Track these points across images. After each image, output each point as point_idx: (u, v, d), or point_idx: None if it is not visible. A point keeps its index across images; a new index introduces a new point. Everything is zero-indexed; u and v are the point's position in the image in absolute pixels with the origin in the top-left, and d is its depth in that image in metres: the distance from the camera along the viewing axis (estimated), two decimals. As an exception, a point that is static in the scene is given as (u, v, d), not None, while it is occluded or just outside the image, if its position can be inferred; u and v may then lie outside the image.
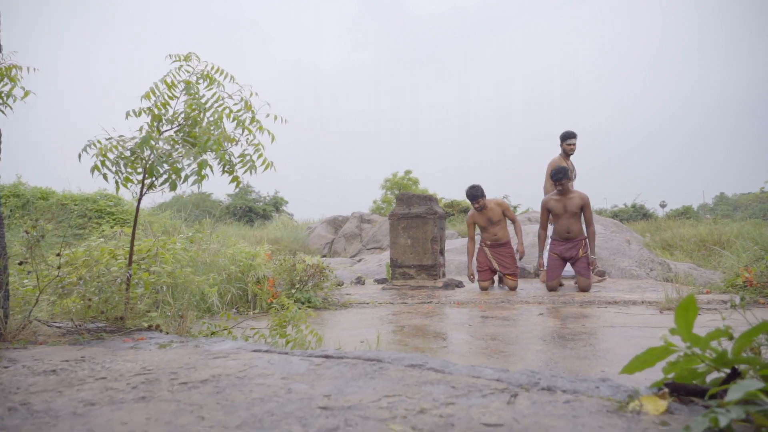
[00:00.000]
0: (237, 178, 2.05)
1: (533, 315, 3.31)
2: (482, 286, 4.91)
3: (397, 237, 5.11)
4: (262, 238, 11.99)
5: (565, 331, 2.67)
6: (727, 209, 22.91)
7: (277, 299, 4.18)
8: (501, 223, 4.93)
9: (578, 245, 4.61)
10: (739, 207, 22.82)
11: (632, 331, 2.62)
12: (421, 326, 2.92)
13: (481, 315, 3.35)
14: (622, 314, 3.28)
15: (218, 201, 21.80)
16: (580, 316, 3.24)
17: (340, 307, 4.04)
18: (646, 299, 3.88)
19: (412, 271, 5.07)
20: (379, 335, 2.54)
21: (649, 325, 2.79)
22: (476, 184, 4.90)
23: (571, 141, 5.24)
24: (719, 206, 25.85)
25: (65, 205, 10.51)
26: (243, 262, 4.35)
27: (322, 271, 4.28)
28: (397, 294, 4.67)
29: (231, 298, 4.11)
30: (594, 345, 2.27)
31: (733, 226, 9.62)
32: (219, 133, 1.97)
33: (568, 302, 3.91)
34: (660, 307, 3.53)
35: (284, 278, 4.16)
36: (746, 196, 25.50)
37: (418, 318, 3.29)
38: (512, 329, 2.75)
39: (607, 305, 3.76)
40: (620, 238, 7.00)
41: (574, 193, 4.66)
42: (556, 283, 4.65)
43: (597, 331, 2.67)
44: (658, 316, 3.19)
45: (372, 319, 3.26)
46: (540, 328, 2.80)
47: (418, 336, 2.60)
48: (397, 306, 4.01)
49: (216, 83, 2.16)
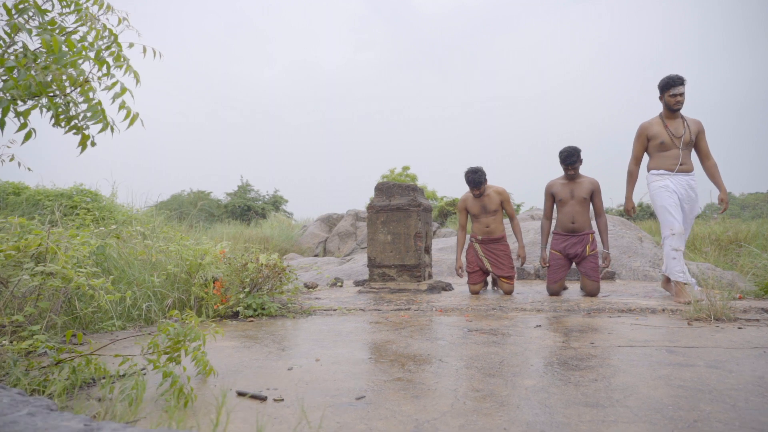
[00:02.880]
0: (86, 138, 1.39)
1: (529, 327, 2.65)
2: (472, 290, 4.23)
3: (376, 233, 4.44)
4: (252, 236, 11.44)
5: (569, 353, 2.01)
6: (735, 209, 22.29)
7: (225, 304, 3.55)
8: (497, 214, 4.24)
9: (584, 241, 3.93)
10: (746, 207, 22.28)
11: (659, 354, 1.94)
12: (381, 344, 2.26)
13: (465, 327, 2.69)
14: (640, 326, 2.61)
15: (217, 200, 21.52)
16: (587, 328, 2.58)
17: (301, 315, 3.39)
18: (667, 306, 3.20)
19: (393, 271, 4.40)
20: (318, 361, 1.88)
21: (680, 344, 2.12)
22: (478, 167, 4.16)
23: (676, 90, 3.54)
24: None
25: (39, 200, 9.95)
26: (190, 261, 3.71)
27: (281, 272, 3.63)
28: (373, 299, 4.01)
29: (173, 304, 3.48)
30: (608, 379, 1.61)
31: (750, 224, 9.03)
32: (56, 66, 1.31)
33: (573, 310, 3.24)
34: (687, 317, 2.85)
35: (233, 280, 3.51)
36: (754, 195, 25.58)
37: (385, 332, 2.63)
38: (499, 350, 2.09)
39: (620, 314, 3.08)
40: (631, 235, 6.31)
41: (584, 178, 3.98)
42: (558, 286, 3.97)
43: (610, 352, 2.00)
44: (687, 329, 2.52)
45: (327, 334, 2.60)
46: (536, 347, 2.13)
47: (368, 362, 1.93)
48: (368, 314, 3.36)
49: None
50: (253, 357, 2.03)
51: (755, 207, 20.48)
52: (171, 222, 9.35)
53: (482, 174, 4.15)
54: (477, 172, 4.14)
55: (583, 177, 3.98)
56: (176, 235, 3.89)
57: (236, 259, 3.57)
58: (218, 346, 2.29)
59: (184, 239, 4.10)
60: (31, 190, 10.68)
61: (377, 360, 1.94)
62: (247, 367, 1.84)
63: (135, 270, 3.55)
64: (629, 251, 5.75)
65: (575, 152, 3.86)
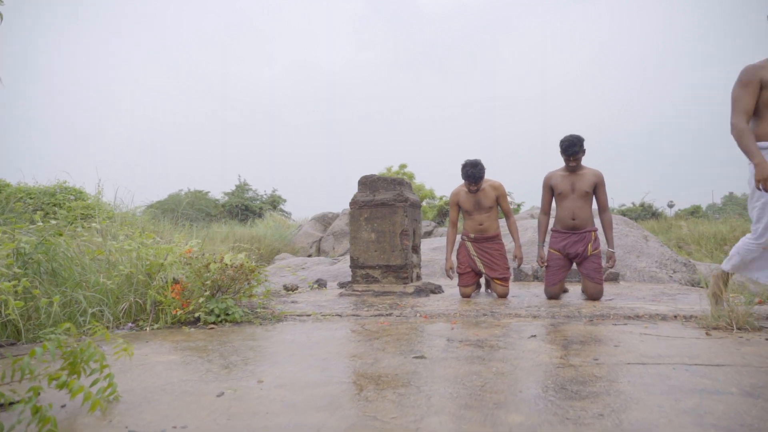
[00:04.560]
0: None
1: (522, 338, 2.29)
2: (463, 293, 3.87)
3: (359, 230, 4.08)
4: (243, 236, 11.12)
5: (568, 373, 1.65)
6: (737, 209, 22.04)
7: (186, 309, 3.19)
8: (491, 211, 3.87)
9: (586, 239, 3.56)
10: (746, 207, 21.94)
11: (678, 375, 1.58)
12: (345, 360, 1.90)
13: (448, 338, 2.33)
14: (651, 337, 2.25)
15: (215, 199, 21.40)
16: (589, 339, 2.22)
17: (270, 322, 3.04)
18: (679, 312, 2.84)
19: (377, 272, 4.04)
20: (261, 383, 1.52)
21: (703, 362, 1.76)
22: (477, 161, 3.72)
23: None
24: (728, 206, 25.11)
25: (21, 198, 9.58)
26: (151, 261, 3.36)
27: (249, 273, 3.27)
28: (354, 302, 3.66)
29: (130, 308, 3.13)
30: (618, 414, 1.25)
31: None
32: None
33: (573, 316, 2.88)
34: (705, 325, 2.49)
35: (197, 282, 3.16)
36: None
37: (356, 342, 2.27)
38: (483, 368, 1.73)
39: (626, 321, 2.72)
40: (636, 233, 5.94)
41: (586, 170, 3.61)
42: (557, 289, 3.61)
43: (618, 372, 1.64)
44: (706, 340, 2.16)
45: (288, 346, 2.25)
46: (528, 365, 1.77)
47: (319, 385, 1.57)
48: (345, 320, 3.00)
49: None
50: (184, 377, 1.67)
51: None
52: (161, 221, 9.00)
53: (482, 168, 3.74)
54: (477, 166, 3.72)
55: (586, 168, 3.61)
56: (136, 233, 3.53)
57: (198, 259, 3.21)
58: (153, 361, 1.93)
59: (148, 237, 3.75)
60: (12, 188, 10.29)
61: (331, 382, 1.58)
62: (167, 392, 1.48)
63: (90, 271, 3.20)
64: (634, 251, 5.38)
65: (578, 141, 3.50)
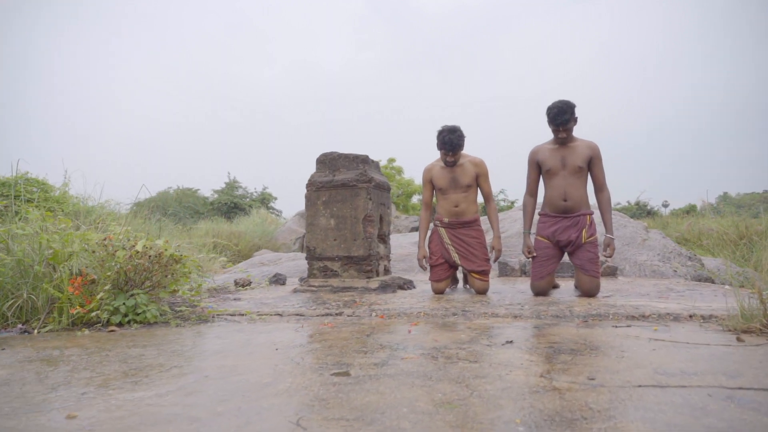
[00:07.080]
0: None
1: (495, 345, 1.72)
2: (435, 288, 3.28)
3: (316, 215, 3.49)
4: (222, 232, 10.63)
5: (550, 403, 1.07)
6: (732, 209, 22.02)
7: (89, 306, 2.61)
8: (469, 191, 3.28)
9: (580, 223, 2.98)
10: (743, 206, 22.17)
11: (719, 408, 1.01)
12: (228, 383, 1.33)
13: (396, 345, 1.75)
14: (665, 343, 1.68)
15: (204, 197, 21.26)
16: (583, 347, 1.65)
17: (193, 323, 2.46)
18: (696, 311, 2.28)
19: (336, 265, 3.46)
20: None
21: (749, 383, 1.19)
22: (456, 126, 3.19)
23: None
24: (723, 206, 25.49)
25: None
26: (55, 249, 2.77)
27: (173, 262, 2.69)
28: (305, 300, 3.08)
29: (24, 306, 2.55)
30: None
31: (762, 220, 8.37)
32: None
33: (563, 316, 2.31)
34: (731, 327, 1.93)
35: (101, 274, 2.57)
36: (750, 195, 26.13)
37: (269, 354, 1.69)
38: (422, 394, 1.15)
39: (629, 322, 2.16)
40: (636, 224, 5.40)
41: (579, 141, 3.03)
42: (545, 283, 3.04)
43: (627, 402, 1.07)
44: (741, 348, 1.59)
45: (173, 357, 1.67)
46: (493, 389, 1.20)
47: (149, 426, 0.99)
48: (284, 321, 2.43)
49: None
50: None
51: (751, 207, 20.25)
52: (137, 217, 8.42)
53: (461, 135, 3.17)
54: (455, 132, 3.15)
55: (578, 140, 3.03)
56: (34, 217, 2.92)
57: (104, 245, 2.61)
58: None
59: (61, 222, 3.15)
60: (-42, 178, 9.61)
61: (173, 420, 1.00)
62: None
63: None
64: (633, 243, 4.83)
65: (568, 108, 2.92)
